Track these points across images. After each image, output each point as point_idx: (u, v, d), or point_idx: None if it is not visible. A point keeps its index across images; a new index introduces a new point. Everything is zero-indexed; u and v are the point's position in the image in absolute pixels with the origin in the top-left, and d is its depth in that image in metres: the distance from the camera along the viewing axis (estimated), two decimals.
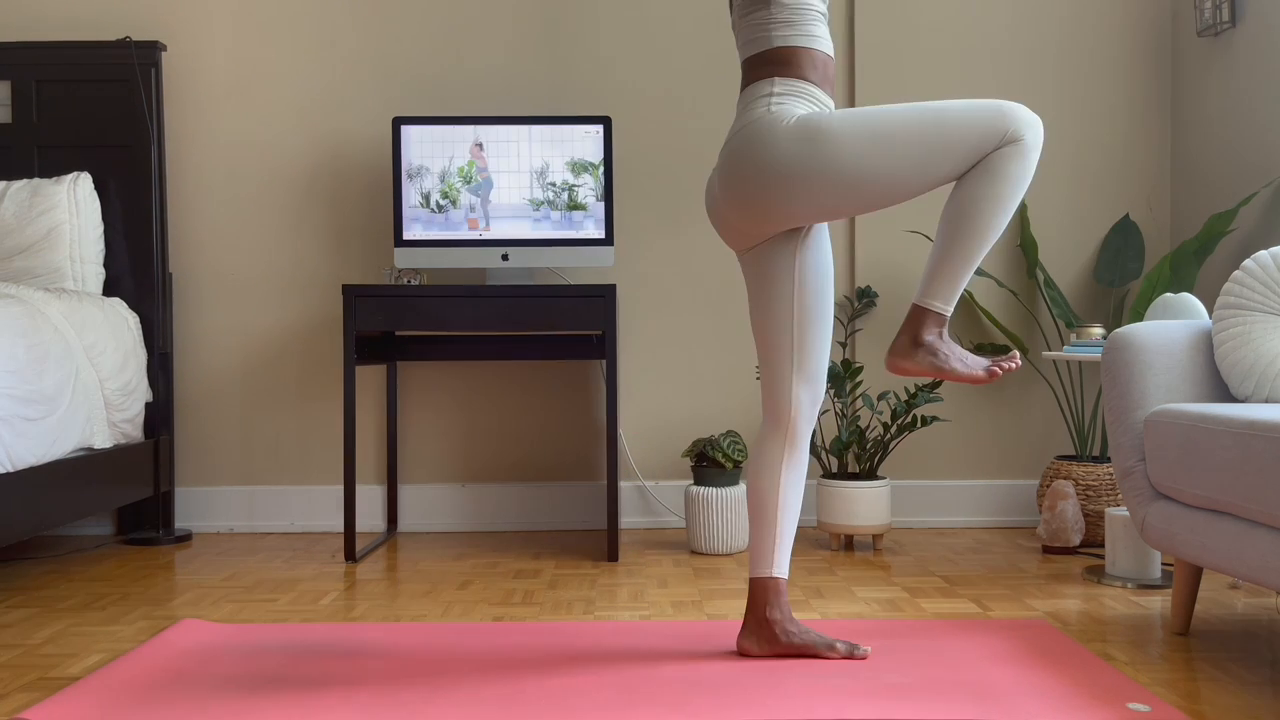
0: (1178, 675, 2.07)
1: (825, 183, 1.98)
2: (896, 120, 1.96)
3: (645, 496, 3.72)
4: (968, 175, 1.96)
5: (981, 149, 1.94)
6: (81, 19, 3.70)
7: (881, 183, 1.97)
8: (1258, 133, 3.26)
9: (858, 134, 1.96)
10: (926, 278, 2.00)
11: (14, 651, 2.28)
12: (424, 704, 1.89)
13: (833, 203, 2.00)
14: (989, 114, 1.94)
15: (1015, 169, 1.94)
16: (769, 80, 2.09)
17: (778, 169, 2.00)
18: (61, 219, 3.39)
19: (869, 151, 1.95)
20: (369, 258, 3.73)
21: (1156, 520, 2.28)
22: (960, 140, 1.94)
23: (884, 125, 1.96)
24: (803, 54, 2.09)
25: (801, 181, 1.99)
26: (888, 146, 1.95)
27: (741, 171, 2.04)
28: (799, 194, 2.00)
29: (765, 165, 2.01)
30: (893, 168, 1.96)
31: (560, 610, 2.60)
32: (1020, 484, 3.73)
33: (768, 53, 2.10)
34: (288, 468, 3.72)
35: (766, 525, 2.16)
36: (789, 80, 2.07)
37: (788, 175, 1.99)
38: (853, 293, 3.73)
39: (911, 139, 1.95)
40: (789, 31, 2.09)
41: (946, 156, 1.95)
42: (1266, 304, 2.33)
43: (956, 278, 1.98)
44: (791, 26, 2.09)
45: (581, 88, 3.72)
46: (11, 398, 2.63)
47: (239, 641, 2.30)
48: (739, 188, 2.06)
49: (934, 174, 1.97)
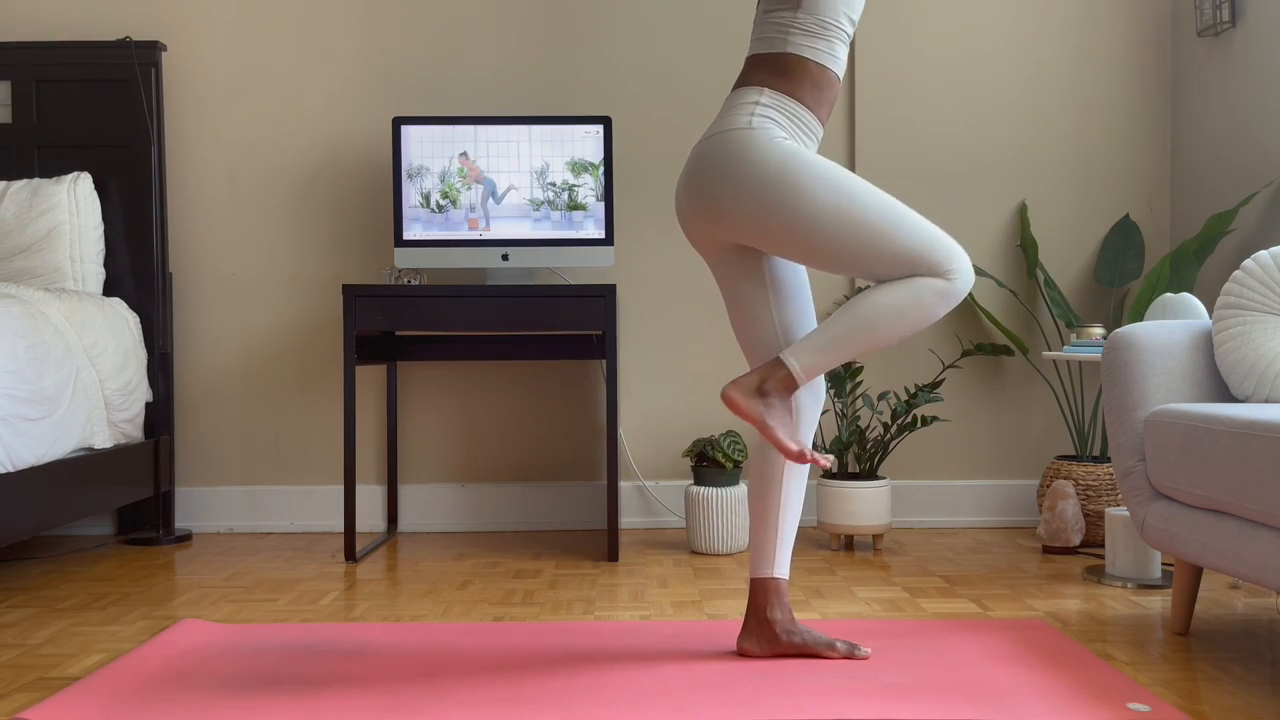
0: (1178, 675, 2.07)
1: (777, 222, 1.99)
2: (865, 202, 1.97)
3: (645, 496, 3.72)
4: (889, 283, 1.98)
5: (916, 268, 1.97)
6: (81, 19, 3.70)
7: (822, 249, 1.99)
8: (1258, 133, 3.26)
9: (827, 195, 1.97)
10: (806, 339, 2.01)
11: (14, 651, 2.28)
12: (424, 704, 1.89)
13: (774, 240, 2.02)
14: (940, 244, 1.98)
15: (931, 300, 1.97)
16: (758, 89, 2.06)
17: (742, 188, 2.00)
18: (61, 219, 3.39)
19: (829, 217, 1.97)
20: (369, 258, 3.73)
21: (1156, 520, 2.28)
22: (907, 250, 1.97)
23: (853, 201, 1.97)
24: (813, 69, 2.06)
25: (758, 209, 1.99)
26: (847, 221, 1.97)
27: (707, 176, 2.04)
28: (750, 219, 2.01)
29: (731, 178, 2.01)
30: (841, 241, 1.97)
31: (560, 610, 2.60)
32: (1020, 484, 3.73)
33: (777, 57, 2.07)
34: (288, 468, 3.72)
35: (768, 526, 2.16)
36: (781, 95, 2.05)
37: (748, 198, 2.00)
38: (852, 292, 3.72)
39: (869, 226, 1.96)
40: (807, 41, 2.06)
41: (888, 258, 1.97)
42: (1266, 304, 2.33)
43: (827, 358, 1.99)
44: (812, 37, 2.06)
45: (581, 88, 3.72)
46: (11, 398, 2.63)
47: (239, 641, 2.30)
48: (702, 190, 2.05)
49: (867, 266, 1.99)
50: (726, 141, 2.02)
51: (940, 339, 3.73)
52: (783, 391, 2.00)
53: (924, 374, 3.73)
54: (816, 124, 2.08)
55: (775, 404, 2.00)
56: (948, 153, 3.72)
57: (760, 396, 2.00)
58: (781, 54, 2.07)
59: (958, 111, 3.72)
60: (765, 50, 2.08)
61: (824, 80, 2.07)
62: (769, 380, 2.00)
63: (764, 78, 2.06)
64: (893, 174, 3.71)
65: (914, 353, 3.73)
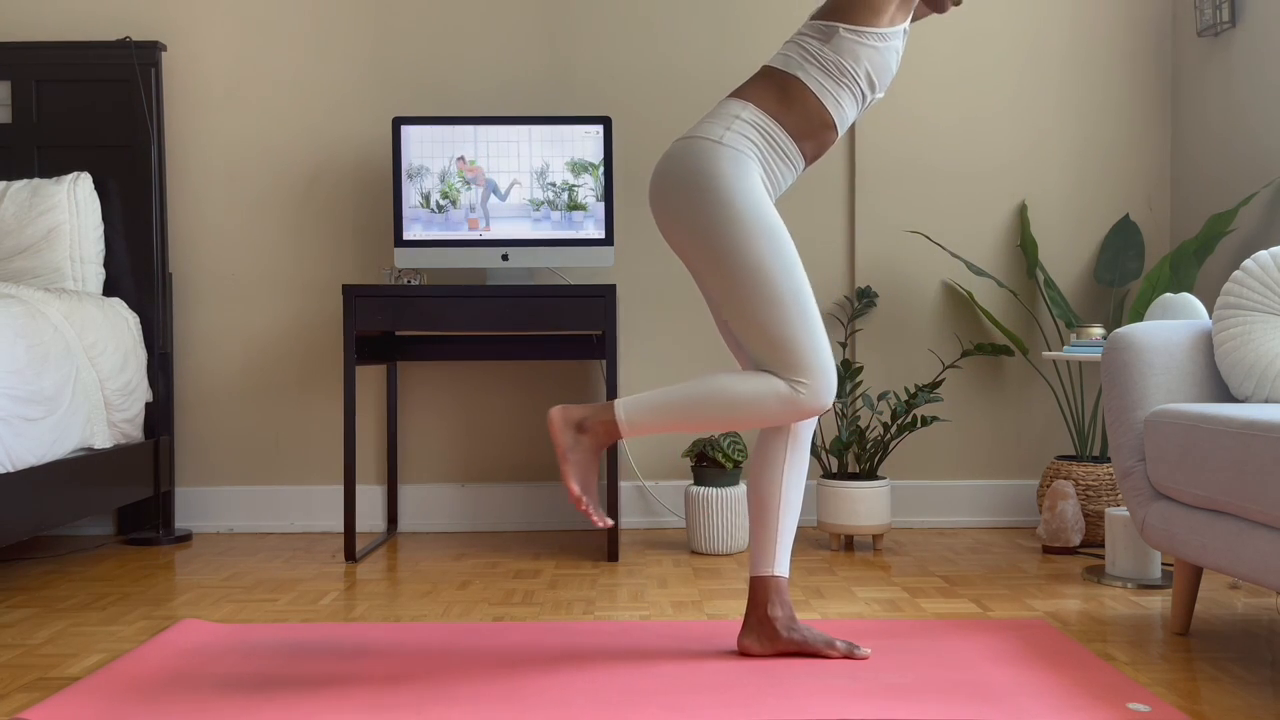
0: (1178, 675, 2.07)
1: (703, 246, 2.00)
2: (789, 280, 1.97)
3: (645, 496, 3.72)
4: (745, 374, 2.00)
5: (782, 365, 1.98)
6: (81, 19, 3.70)
7: (728, 294, 2.00)
8: (1258, 133, 3.26)
9: (762, 251, 1.97)
10: (646, 395, 2.02)
11: (14, 651, 2.28)
12: (424, 704, 1.89)
13: (691, 258, 2.03)
14: (818, 356, 1.98)
15: (773, 404, 1.98)
16: (744, 104, 2.05)
17: (691, 199, 2.01)
18: (61, 219, 3.39)
19: (752, 270, 1.97)
20: (369, 258, 3.73)
21: (1156, 520, 2.28)
22: (790, 343, 1.98)
23: (781, 271, 1.97)
24: (812, 103, 2.05)
25: (692, 225, 2.00)
26: (764, 284, 1.97)
27: (665, 176, 2.05)
28: (683, 230, 2.03)
29: (683, 185, 2.02)
30: (747, 298, 1.98)
31: (560, 610, 2.60)
32: (1020, 484, 3.73)
33: (785, 77, 2.06)
34: (288, 468, 3.72)
35: (768, 524, 2.16)
36: (765, 116, 2.04)
37: (689, 209, 2.00)
38: (852, 292, 3.73)
39: (779, 301, 1.97)
40: (820, 76, 2.05)
41: (772, 338, 1.98)
42: (1266, 304, 2.33)
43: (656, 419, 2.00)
44: (826, 75, 2.05)
45: (581, 88, 3.72)
46: (11, 398, 2.63)
47: (239, 641, 2.30)
48: (658, 189, 2.07)
49: (749, 333, 2.00)
50: (691, 148, 2.03)
51: (940, 339, 3.73)
52: (601, 434, 2.01)
53: (924, 374, 3.73)
54: (798, 155, 2.07)
55: (585, 443, 2.01)
56: (948, 153, 3.72)
57: (577, 430, 2.02)
58: (790, 75, 2.06)
59: (958, 111, 3.72)
60: (779, 66, 2.08)
61: (819, 119, 2.06)
62: (592, 419, 2.01)
63: (758, 93, 2.06)
64: (893, 174, 3.71)
65: (914, 353, 3.73)
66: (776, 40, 3.72)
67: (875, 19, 2.03)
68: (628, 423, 2.00)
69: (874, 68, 2.06)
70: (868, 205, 3.71)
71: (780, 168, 2.06)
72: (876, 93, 2.11)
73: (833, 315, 3.73)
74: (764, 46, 3.71)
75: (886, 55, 2.07)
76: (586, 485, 2.02)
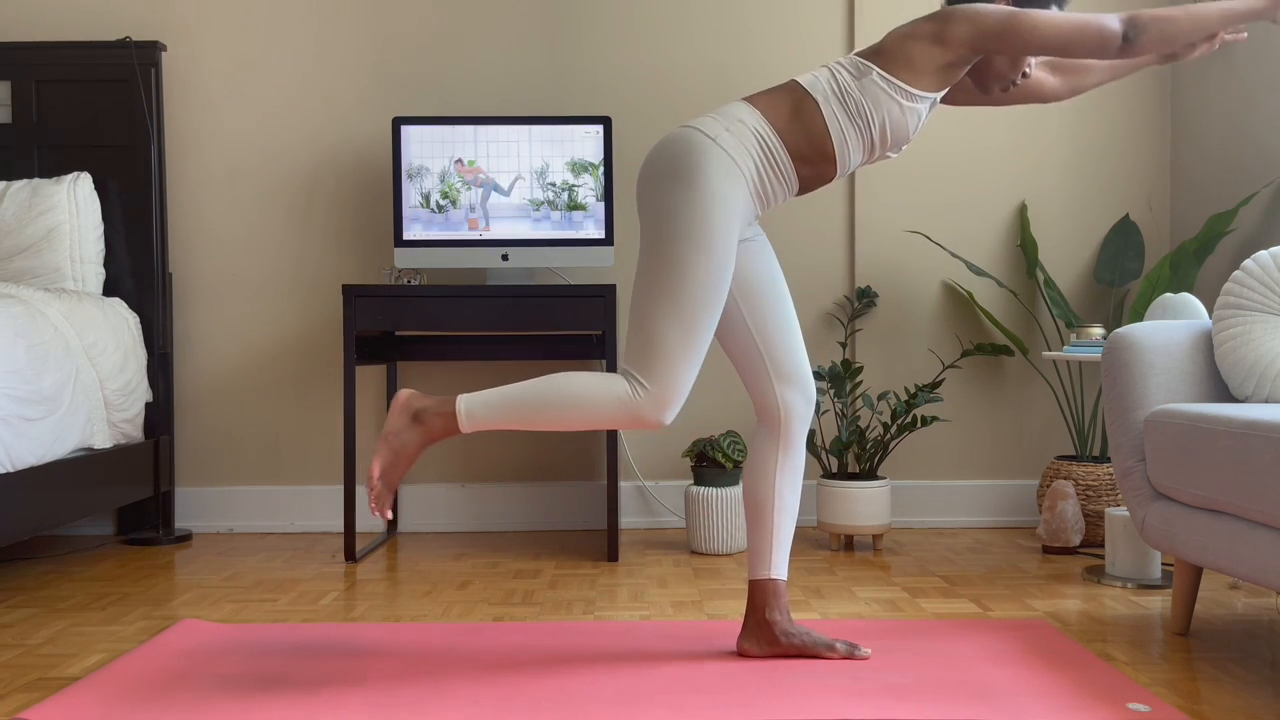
0: (1178, 675, 2.07)
1: (655, 227, 1.99)
2: (698, 291, 1.95)
3: (645, 496, 3.72)
4: (590, 374, 1.97)
5: (635, 365, 1.96)
6: (81, 19, 3.70)
7: (644, 282, 1.98)
8: (1258, 133, 3.26)
9: (691, 260, 1.95)
10: (491, 390, 1.99)
11: (14, 651, 2.28)
12: (424, 704, 1.89)
13: (642, 238, 2.02)
14: (669, 365, 1.95)
15: (610, 403, 1.95)
16: (752, 110, 2.03)
17: (664, 184, 2.00)
18: (61, 219, 3.39)
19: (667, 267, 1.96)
20: (369, 258, 3.73)
21: (1156, 520, 2.28)
22: (658, 340, 1.95)
23: (691, 281, 1.95)
24: (819, 130, 2.02)
25: (659, 208, 1.99)
26: (670, 280, 1.95)
27: (654, 156, 2.04)
28: (643, 210, 2.02)
29: (663, 170, 2.01)
30: (652, 284, 1.97)
31: (560, 610, 2.60)
32: (1020, 484, 3.73)
33: (804, 97, 2.02)
34: (288, 468, 3.72)
35: (764, 527, 2.16)
36: (768, 130, 2.01)
37: (659, 193, 1.99)
38: (852, 293, 3.73)
39: (673, 301, 1.95)
40: (838, 109, 2.02)
41: (645, 334, 1.96)
42: (1266, 304, 2.33)
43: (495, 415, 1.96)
44: (844, 111, 2.02)
45: (581, 88, 3.72)
46: (11, 398, 2.63)
47: (239, 641, 2.30)
48: (645, 168, 2.06)
49: (634, 317, 1.98)
50: (686, 139, 2.01)
51: (940, 339, 3.73)
52: (437, 428, 1.97)
53: (924, 374, 3.73)
54: (792, 174, 2.04)
55: (416, 433, 1.98)
56: (948, 153, 3.72)
57: (413, 419, 1.98)
58: (809, 96, 2.03)
59: (958, 111, 3.72)
60: (804, 84, 2.04)
61: (821, 149, 2.03)
62: (432, 411, 1.98)
63: (769, 103, 2.04)
64: (893, 174, 3.71)
65: (914, 353, 3.73)
66: (776, 40, 3.72)
67: (910, 76, 2.00)
68: (467, 417, 1.96)
69: (891, 123, 2.02)
70: (868, 205, 3.71)
71: (774, 181, 2.04)
72: (887, 149, 2.07)
73: (833, 315, 3.73)
74: (764, 46, 3.71)
75: (907, 115, 2.02)
76: (390, 473, 1.97)
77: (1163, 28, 1.95)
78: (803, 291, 3.73)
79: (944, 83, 2.03)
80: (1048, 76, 2.27)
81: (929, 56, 1.99)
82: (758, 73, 3.71)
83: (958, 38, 1.97)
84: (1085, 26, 1.94)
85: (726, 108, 2.06)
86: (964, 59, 2.01)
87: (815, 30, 3.71)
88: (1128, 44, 1.94)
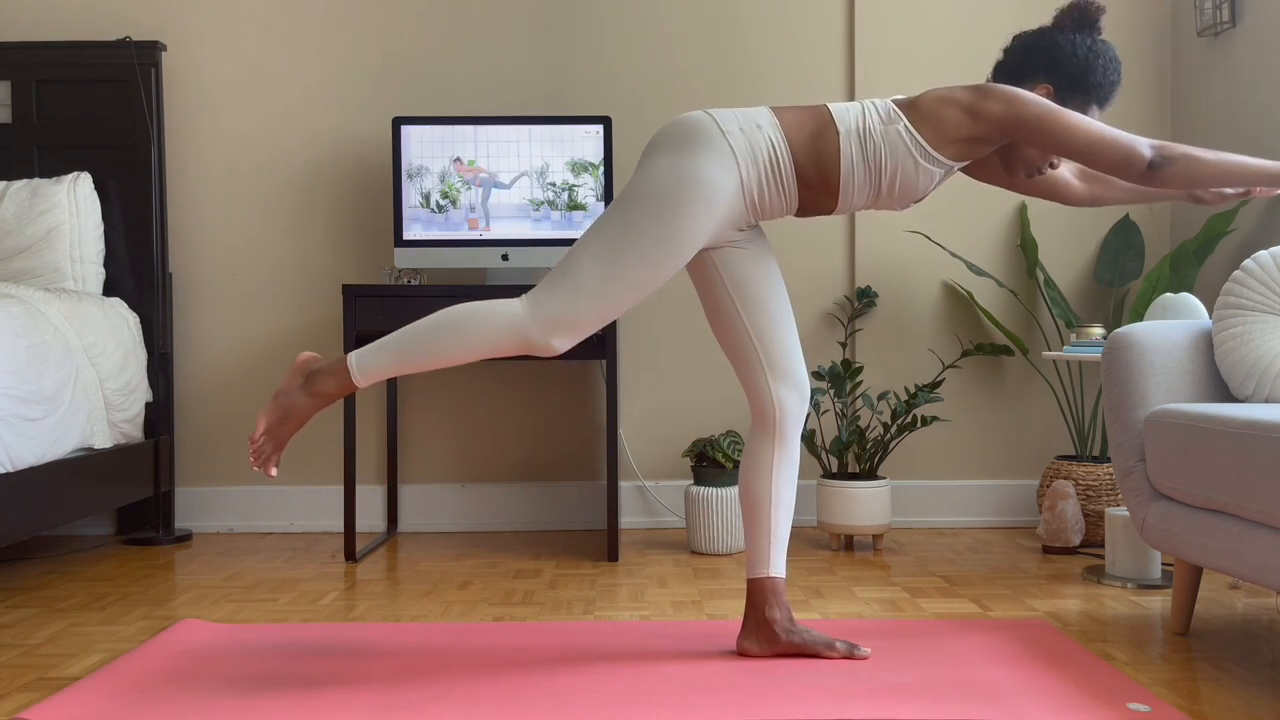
0: (1178, 675, 2.07)
1: (633, 182, 1.99)
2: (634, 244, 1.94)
3: (645, 496, 3.72)
4: (493, 300, 1.97)
5: (545, 279, 1.96)
6: (81, 19, 3.70)
7: (593, 226, 1.99)
8: (1258, 133, 3.26)
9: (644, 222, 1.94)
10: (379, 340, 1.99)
11: (14, 651, 2.28)
12: (424, 704, 1.89)
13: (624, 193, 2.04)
14: (577, 296, 1.93)
15: (498, 323, 1.92)
16: (774, 121, 2.01)
17: (662, 152, 2.00)
18: (61, 219, 3.39)
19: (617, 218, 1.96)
20: (369, 258, 3.73)
21: (1156, 520, 2.28)
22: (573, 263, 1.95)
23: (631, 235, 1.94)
24: (828, 164, 2.00)
25: (645, 168, 1.99)
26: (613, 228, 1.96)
27: (666, 130, 2.04)
28: (640, 166, 2.01)
29: (668, 142, 2.00)
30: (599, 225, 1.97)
31: (560, 610, 2.60)
32: (1020, 484, 3.73)
33: (828, 125, 2.01)
34: (288, 468, 3.72)
35: (761, 525, 2.16)
36: (782, 143, 2.00)
37: (655, 160, 1.99)
38: (852, 293, 3.73)
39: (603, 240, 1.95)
40: (856, 147, 2.00)
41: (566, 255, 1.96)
42: (1266, 304, 2.33)
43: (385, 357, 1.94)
44: (861, 150, 2.00)
45: (581, 88, 3.72)
46: (11, 398, 2.63)
47: (239, 641, 2.30)
48: (659, 132, 2.06)
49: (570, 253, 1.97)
50: (700, 121, 2.01)
51: (940, 339, 3.73)
52: (330, 387, 1.95)
53: (924, 374, 3.73)
54: (794, 191, 2.03)
55: (307, 397, 1.96)
56: None
57: (306, 381, 1.97)
58: (833, 124, 2.01)
59: None
60: (834, 111, 2.03)
61: (826, 177, 2.01)
62: (325, 373, 1.96)
63: (793, 120, 2.02)
64: None
65: (914, 353, 3.73)
66: (776, 40, 3.71)
67: (935, 138, 1.99)
68: (359, 370, 1.95)
69: (903, 176, 2.01)
70: None
71: (773, 194, 2.03)
72: (892, 201, 2.06)
73: (833, 315, 3.73)
74: (764, 47, 3.71)
75: (920, 174, 2.01)
76: (278, 431, 1.97)
77: (1190, 167, 1.94)
78: (803, 291, 3.73)
79: (966, 155, 2.02)
80: (1074, 180, 2.28)
81: (958, 124, 1.99)
82: (758, 73, 3.71)
83: (990, 114, 1.97)
84: (1116, 142, 1.93)
85: (751, 110, 2.05)
86: (990, 137, 2.00)
87: (815, 31, 3.71)
88: (1152, 171, 1.93)
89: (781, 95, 3.71)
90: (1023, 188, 2.23)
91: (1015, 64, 2.12)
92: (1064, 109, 1.97)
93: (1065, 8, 2.13)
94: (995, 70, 2.16)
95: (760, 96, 3.71)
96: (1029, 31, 2.14)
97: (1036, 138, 1.96)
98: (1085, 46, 2.08)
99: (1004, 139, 2.01)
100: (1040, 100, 1.97)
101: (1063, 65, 2.08)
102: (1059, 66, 2.08)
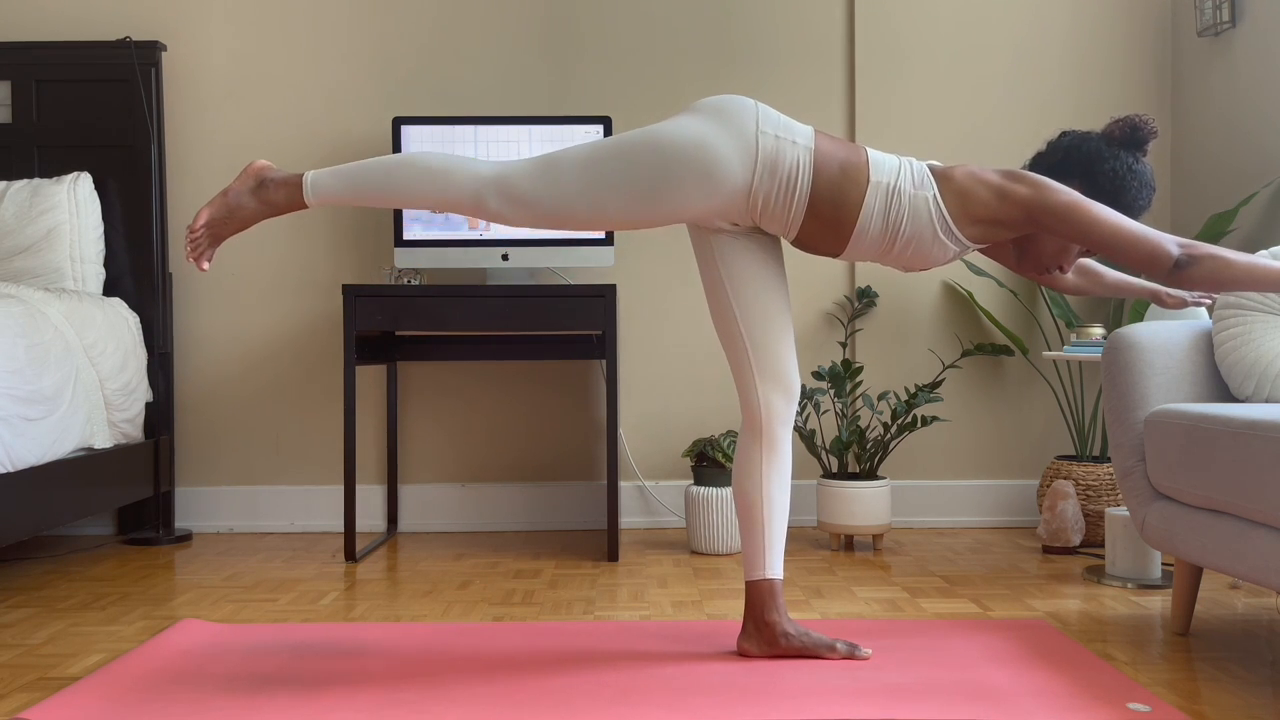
0: (1178, 675, 2.07)
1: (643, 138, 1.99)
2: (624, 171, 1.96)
3: (645, 496, 3.72)
4: (468, 157, 1.98)
5: (527, 158, 1.99)
6: (81, 19, 3.70)
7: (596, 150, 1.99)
8: (1258, 133, 3.26)
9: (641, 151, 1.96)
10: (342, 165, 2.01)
11: (14, 651, 2.29)
12: (424, 704, 1.89)
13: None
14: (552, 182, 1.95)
15: (462, 179, 1.95)
16: (811, 144, 2.00)
17: (689, 110, 2.03)
18: (61, 219, 3.39)
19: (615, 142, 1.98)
20: (369, 258, 3.73)
21: (1156, 520, 2.28)
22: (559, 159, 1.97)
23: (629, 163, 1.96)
24: (848, 208, 1.98)
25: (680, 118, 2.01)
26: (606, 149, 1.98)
27: (717, 99, 2.04)
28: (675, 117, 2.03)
29: (711, 109, 2.01)
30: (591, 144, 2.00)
31: (560, 610, 2.60)
32: (1020, 484, 3.73)
33: (863, 165, 1.99)
34: (288, 468, 3.72)
35: (755, 528, 2.16)
36: (809, 168, 1.98)
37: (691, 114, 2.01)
38: (853, 292, 3.73)
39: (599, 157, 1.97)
40: (878, 200, 1.98)
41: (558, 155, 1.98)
42: (1266, 304, 2.33)
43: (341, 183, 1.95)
44: (884, 206, 1.99)
45: (581, 88, 3.72)
46: (11, 398, 2.63)
47: (239, 641, 2.30)
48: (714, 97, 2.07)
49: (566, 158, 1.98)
50: (744, 107, 2.01)
51: (940, 339, 3.73)
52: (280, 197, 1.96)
53: (924, 374, 3.73)
54: (799, 217, 2.01)
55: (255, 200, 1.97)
56: (947, 152, 3.72)
57: (257, 185, 1.98)
58: (865, 171, 2.00)
59: (957, 110, 3.72)
60: (875, 158, 2.02)
61: (839, 218, 2.00)
62: (279, 180, 1.97)
63: (828, 149, 2.01)
64: None
65: (914, 353, 3.73)
66: (776, 40, 3.71)
67: (959, 214, 1.98)
68: (313, 188, 1.96)
69: (917, 243, 2.00)
70: None
71: (777, 207, 2.01)
72: (900, 262, 2.05)
73: (833, 315, 3.73)
74: (764, 47, 3.71)
75: (934, 246, 2.01)
76: (218, 227, 1.97)
77: (1217, 269, 1.92)
78: (803, 291, 3.73)
79: (986, 237, 2.01)
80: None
81: (985, 204, 1.98)
82: (758, 75, 3.71)
83: (1017, 198, 1.96)
84: (1143, 239, 1.92)
85: (797, 124, 2.03)
86: (1015, 221, 1.98)
87: (816, 32, 3.71)
88: (1178, 270, 1.91)
89: (781, 96, 3.71)
90: (1025, 273, 2.23)
91: (1054, 161, 2.11)
92: (1093, 201, 1.95)
93: (1120, 120, 2.09)
94: (1033, 161, 2.16)
95: (760, 98, 3.71)
96: (1076, 133, 2.12)
97: (1062, 226, 1.94)
98: (1126, 165, 2.06)
99: (1028, 226, 1.98)
100: (1069, 190, 1.96)
101: (1098, 178, 2.06)
102: (1094, 177, 2.07)
